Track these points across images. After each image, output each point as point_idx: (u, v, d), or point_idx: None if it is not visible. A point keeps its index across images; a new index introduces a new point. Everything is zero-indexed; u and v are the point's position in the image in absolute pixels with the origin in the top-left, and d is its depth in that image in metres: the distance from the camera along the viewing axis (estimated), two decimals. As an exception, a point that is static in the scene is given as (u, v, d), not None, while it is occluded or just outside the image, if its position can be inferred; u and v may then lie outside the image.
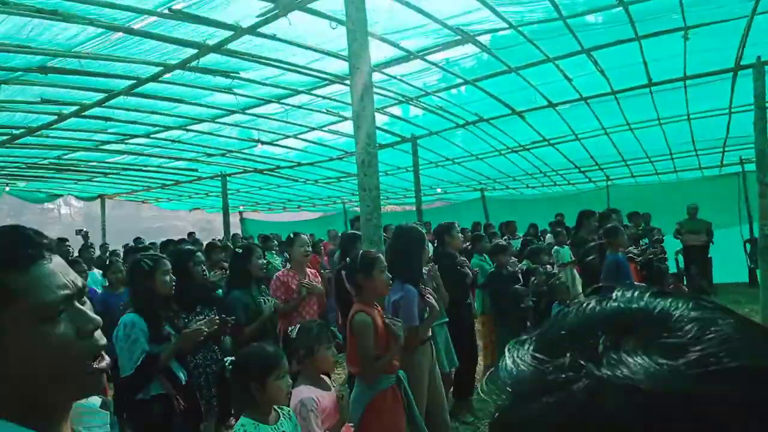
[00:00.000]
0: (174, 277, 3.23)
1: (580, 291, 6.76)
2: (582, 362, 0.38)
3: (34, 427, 0.78)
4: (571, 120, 8.98)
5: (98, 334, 0.85)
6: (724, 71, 7.06)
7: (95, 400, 0.95)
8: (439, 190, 15.88)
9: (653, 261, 8.47)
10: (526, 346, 0.43)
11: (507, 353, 0.43)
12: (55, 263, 0.84)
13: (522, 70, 6.79)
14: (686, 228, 10.73)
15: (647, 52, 6.37)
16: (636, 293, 0.44)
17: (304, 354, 2.60)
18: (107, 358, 0.87)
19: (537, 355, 0.41)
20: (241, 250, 4.20)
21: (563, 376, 0.38)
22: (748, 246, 11.31)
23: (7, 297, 0.77)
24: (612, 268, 5.40)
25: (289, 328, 2.81)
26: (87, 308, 0.86)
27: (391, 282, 3.21)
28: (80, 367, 0.82)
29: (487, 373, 0.44)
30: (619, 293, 0.44)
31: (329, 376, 3.69)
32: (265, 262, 4.49)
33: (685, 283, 10.25)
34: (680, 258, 11.00)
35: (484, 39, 5.91)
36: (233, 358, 2.41)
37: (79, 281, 0.87)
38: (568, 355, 0.39)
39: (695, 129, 9.72)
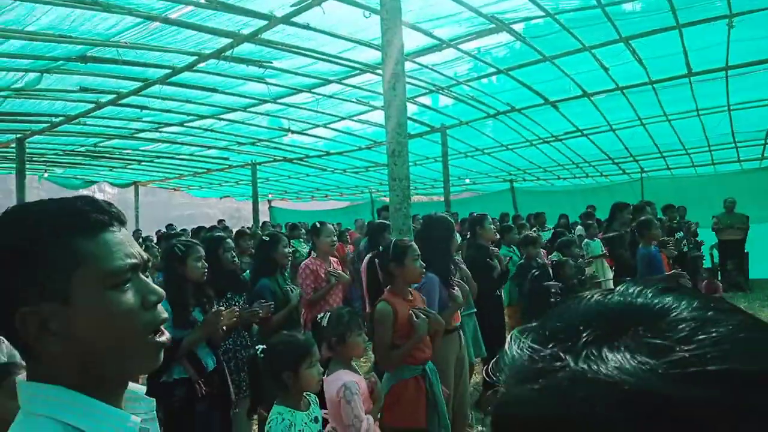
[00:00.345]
0: (205, 264, 3.27)
1: (612, 284, 6.65)
2: (563, 354, 0.38)
3: (91, 396, 0.78)
4: (606, 110, 8.78)
5: (160, 307, 0.86)
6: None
7: (140, 388, 0.91)
8: (467, 181, 15.76)
9: (687, 255, 8.27)
10: (526, 335, 0.43)
11: (510, 341, 0.44)
12: (123, 233, 0.85)
13: (557, 59, 6.66)
14: (723, 222, 10.41)
15: (688, 41, 6.16)
16: (641, 288, 0.43)
17: (337, 341, 2.62)
18: (167, 333, 0.87)
19: (532, 344, 0.41)
20: (267, 238, 4.22)
21: (547, 365, 0.39)
22: (788, 242, 10.92)
23: (77, 261, 0.78)
24: (644, 261, 5.28)
25: (318, 316, 2.84)
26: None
27: (424, 271, 3.20)
28: (142, 338, 0.82)
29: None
30: (625, 288, 0.44)
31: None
32: (291, 250, 4.52)
33: (719, 278, 9.98)
34: (715, 252, 10.70)
35: (519, 27, 5.81)
36: (264, 346, 2.43)
37: (144, 254, 0.87)
38: (553, 345, 0.40)
39: (735, 120, 9.40)
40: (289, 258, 4.35)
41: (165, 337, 0.85)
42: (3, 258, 0.76)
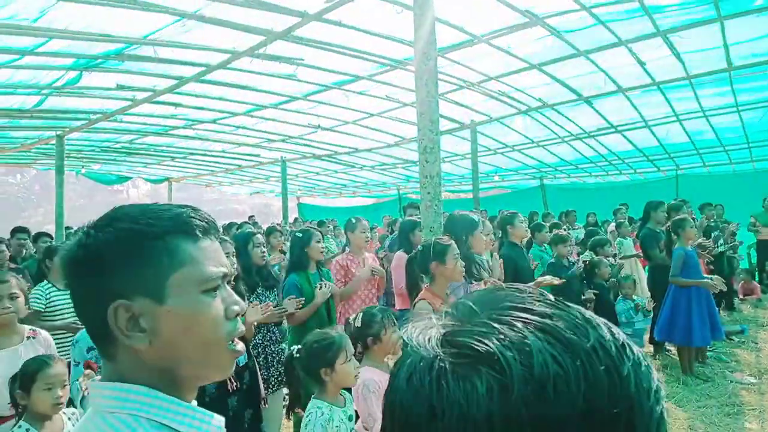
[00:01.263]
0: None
1: (646, 285, 6.50)
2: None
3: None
4: (641, 106, 8.58)
5: (239, 320, 0.88)
6: (815, 53, 6.54)
7: None
8: (496, 178, 15.60)
9: (724, 255, 8.03)
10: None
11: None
12: (217, 244, 0.89)
13: (591, 53, 6.53)
14: (762, 221, 10.06)
15: (729, 34, 5.97)
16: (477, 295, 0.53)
17: (373, 340, 2.63)
18: (242, 344, 0.89)
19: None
20: (301, 234, 4.25)
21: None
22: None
23: (178, 262, 0.81)
24: (679, 261, 5.16)
25: (351, 317, 2.85)
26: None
27: (463, 270, 3.17)
28: (223, 345, 0.84)
29: None
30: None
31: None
32: (324, 245, 4.55)
33: (757, 279, 9.67)
34: (753, 253, 10.37)
35: (553, 22, 5.70)
36: (299, 347, 2.45)
37: (231, 267, 0.91)
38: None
39: (777, 116, 9.08)
40: (323, 253, 4.37)
41: (240, 346, 0.88)
42: (109, 251, 0.79)
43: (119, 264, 0.79)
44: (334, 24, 5.41)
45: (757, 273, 9.95)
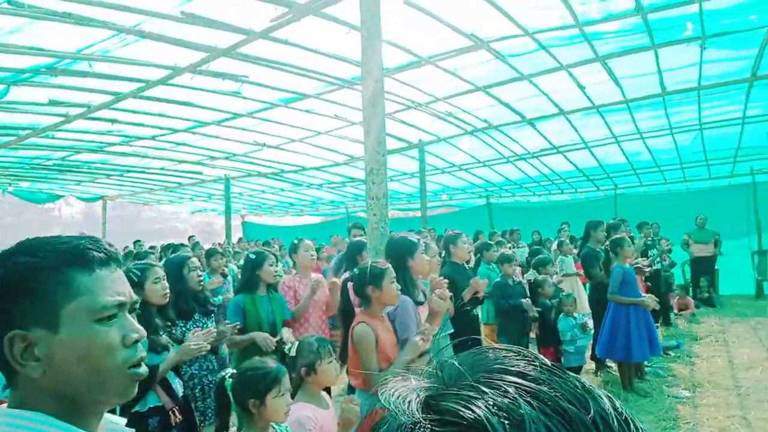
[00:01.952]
0: (167, 285, 3.12)
1: (586, 303, 6.65)
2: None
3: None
4: (581, 128, 8.89)
5: (140, 346, 0.92)
6: (739, 81, 6.96)
7: (119, 419, 0.98)
8: (444, 197, 15.78)
9: (660, 272, 8.36)
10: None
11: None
12: (118, 274, 0.93)
13: (534, 77, 6.70)
14: (694, 239, 10.61)
15: (662, 61, 6.27)
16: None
17: (307, 370, 2.52)
18: (144, 367, 0.92)
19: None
20: (254, 256, 4.11)
21: None
22: (756, 258, 11.18)
23: (72, 292, 0.85)
24: (618, 280, 5.30)
25: (286, 347, 2.73)
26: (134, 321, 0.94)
27: (399, 293, 3.11)
28: (119, 371, 0.88)
29: None
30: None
31: (329, 390, 3.58)
32: (277, 268, 4.38)
33: (691, 294, 10.13)
34: (687, 269, 10.88)
35: (498, 46, 5.81)
36: (233, 371, 2.32)
37: (134, 296, 0.95)
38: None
39: (706, 139, 9.62)
40: (276, 276, 4.21)
41: (142, 369, 0.91)
42: (7, 284, 0.83)
43: (16, 296, 0.83)
44: (281, 42, 5.31)
45: (691, 289, 10.42)
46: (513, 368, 0.45)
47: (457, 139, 9.63)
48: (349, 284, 3.44)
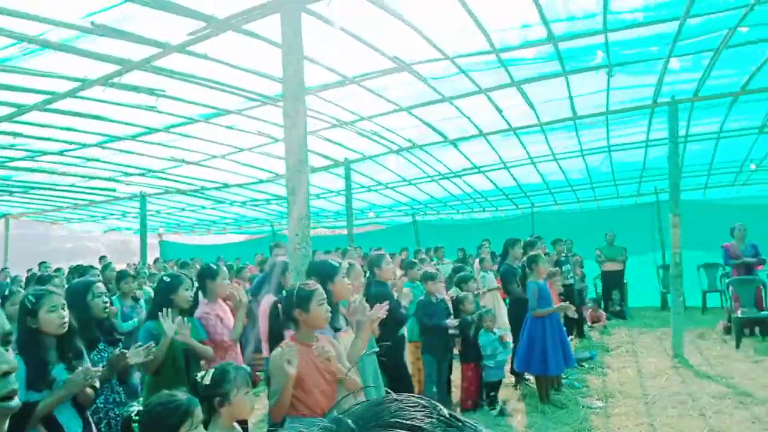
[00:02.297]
0: (65, 314, 2.87)
1: (506, 318, 6.85)
2: None
3: None
4: (500, 149, 9.23)
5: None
6: (642, 107, 7.52)
7: None
8: (371, 215, 15.86)
9: (573, 286, 8.79)
10: None
11: None
12: None
13: (455, 99, 6.90)
14: (605, 254, 11.25)
15: (573, 86, 6.66)
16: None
17: (220, 401, 2.38)
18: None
19: None
20: (168, 279, 3.85)
21: None
22: (660, 272, 12.01)
23: None
24: (534, 295, 5.51)
25: (198, 375, 2.58)
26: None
27: (329, 315, 3.04)
28: None
29: None
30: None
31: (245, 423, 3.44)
32: (192, 294, 4.16)
33: (603, 307, 10.70)
34: (599, 283, 11.51)
35: (420, 69, 5.94)
36: (139, 407, 2.16)
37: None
38: None
39: (615, 160, 10.29)
40: (191, 301, 3.97)
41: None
42: None
43: None
44: (200, 57, 5.14)
45: (602, 302, 11.02)
46: (407, 421, 0.43)
47: (384, 157, 9.72)
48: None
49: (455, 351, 5.88)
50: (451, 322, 5.29)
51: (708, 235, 10.30)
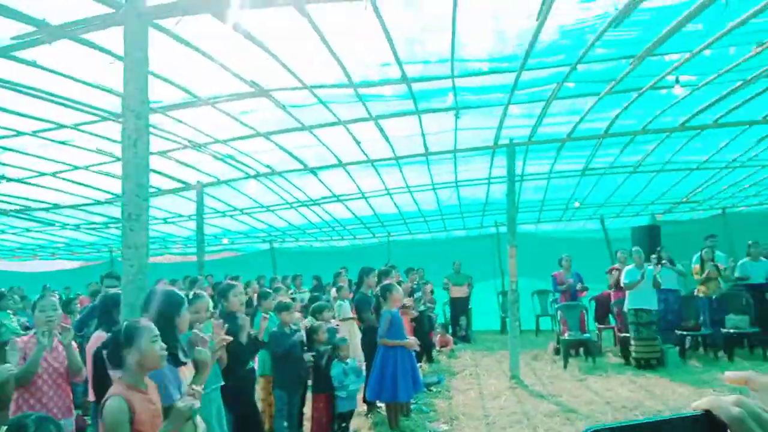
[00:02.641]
0: None
1: (360, 346, 6.92)
2: None
3: None
4: (359, 179, 9.44)
5: None
6: (485, 147, 8.19)
7: None
8: (225, 241, 15.20)
9: (424, 312, 9.19)
10: None
11: None
12: None
13: (315, 129, 6.93)
14: (452, 281, 11.99)
15: (426, 125, 7.06)
16: None
17: None
18: None
19: None
20: None
21: None
22: (500, 298, 13.04)
23: None
24: (386, 324, 5.65)
25: None
26: None
27: (165, 353, 2.79)
28: None
29: None
30: None
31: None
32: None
33: (450, 332, 11.32)
34: (447, 309, 12.18)
35: (280, 96, 5.89)
36: None
37: None
38: None
39: (462, 195, 11.06)
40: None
41: None
42: None
43: None
44: (28, 64, 4.58)
45: (450, 326, 11.65)
46: None
47: (241, 182, 9.41)
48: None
49: (310, 382, 5.76)
50: (305, 355, 5.19)
51: (541, 265, 11.39)
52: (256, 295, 6.61)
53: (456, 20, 4.09)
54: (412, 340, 5.75)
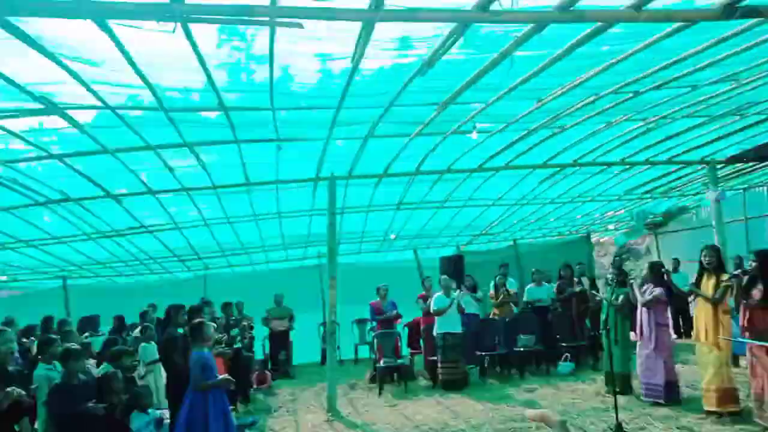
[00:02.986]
0: None
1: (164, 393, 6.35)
2: None
3: None
4: (172, 209, 8.82)
5: None
6: (307, 180, 8.27)
7: None
8: (3, 278, 12.95)
9: (242, 351, 8.82)
10: None
11: None
12: None
13: (121, 153, 6.32)
14: (273, 314, 11.75)
15: (246, 155, 6.89)
16: None
17: None
18: None
19: None
20: None
21: None
22: (321, 329, 13.09)
23: None
24: (197, 364, 5.21)
25: None
26: None
27: None
28: None
29: None
30: None
31: None
32: None
33: (269, 367, 11.00)
34: (267, 343, 11.84)
35: (79, 114, 5.26)
36: None
37: None
38: None
39: (284, 226, 10.97)
40: None
41: None
42: None
43: None
44: None
45: (269, 362, 11.32)
46: None
47: (25, 210, 8.12)
48: None
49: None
50: (95, 407, 4.57)
51: (363, 293, 11.74)
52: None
53: (274, 53, 4.08)
54: (222, 378, 5.35)
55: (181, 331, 6.46)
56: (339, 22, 3.63)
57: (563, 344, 9.79)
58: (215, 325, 6.68)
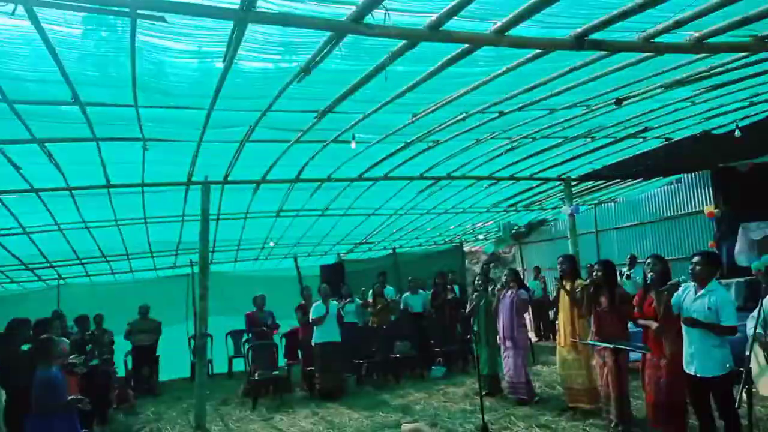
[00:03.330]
0: None
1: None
2: None
3: None
4: (19, 213, 7.87)
5: None
6: (178, 183, 7.79)
7: None
8: None
9: (98, 367, 8.06)
10: None
11: None
12: None
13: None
14: (137, 328, 10.91)
15: (106, 155, 6.34)
16: None
17: None
18: None
19: None
20: None
21: None
22: (192, 342, 12.39)
23: None
24: (43, 384, 4.67)
25: None
26: None
27: None
28: None
29: None
30: None
31: None
32: None
33: (132, 384, 10.19)
34: (129, 359, 10.95)
35: None
36: None
37: None
38: None
39: (152, 232, 10.24)
40: None
41: None
42: None
43: None
44: None
45: (132, 379, 10.48)
46: None
47: None
48: None
49: None
50: None
51: (237, 304, 11.32)
52: None
53: (135, 46, 3.80)
54: (74, 399, 4.86)
55: (26, 348, 5.78)
56: (214, 21, 3.47)
57: (436, 349, 10.17)
58: (67, 340, 6.06)
